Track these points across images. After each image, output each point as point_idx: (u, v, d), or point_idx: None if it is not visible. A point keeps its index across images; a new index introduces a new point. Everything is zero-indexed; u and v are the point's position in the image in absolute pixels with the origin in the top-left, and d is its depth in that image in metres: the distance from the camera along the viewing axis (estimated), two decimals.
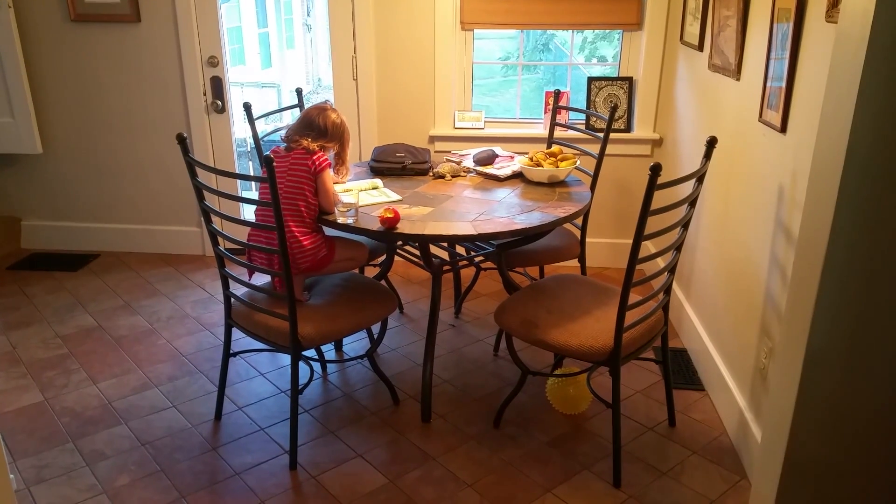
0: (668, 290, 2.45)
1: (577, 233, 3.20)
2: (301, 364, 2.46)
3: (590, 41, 9.08)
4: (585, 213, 2.93)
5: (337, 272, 2.70)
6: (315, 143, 2.52)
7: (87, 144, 4.19)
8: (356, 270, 3.07)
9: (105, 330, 3.42)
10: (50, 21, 3.94)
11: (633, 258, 2.13)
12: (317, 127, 2.55)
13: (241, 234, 2.57)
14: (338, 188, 2.66)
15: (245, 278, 2.57)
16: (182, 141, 2.37)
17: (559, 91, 3.50)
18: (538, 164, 2.93)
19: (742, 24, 2.59)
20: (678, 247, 2.37)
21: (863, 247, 1.55)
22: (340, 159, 2.71)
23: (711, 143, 2.31)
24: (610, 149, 3.42)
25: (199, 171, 2.40)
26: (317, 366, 3.06)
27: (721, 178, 2.83)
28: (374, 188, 2.82)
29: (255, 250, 2.49)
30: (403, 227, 2.42)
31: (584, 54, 8.94)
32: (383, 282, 3.00)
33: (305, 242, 2.45)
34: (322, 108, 2.59)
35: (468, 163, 3.11)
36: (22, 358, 3.16)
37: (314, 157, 2.47)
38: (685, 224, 2.33)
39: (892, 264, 1.55)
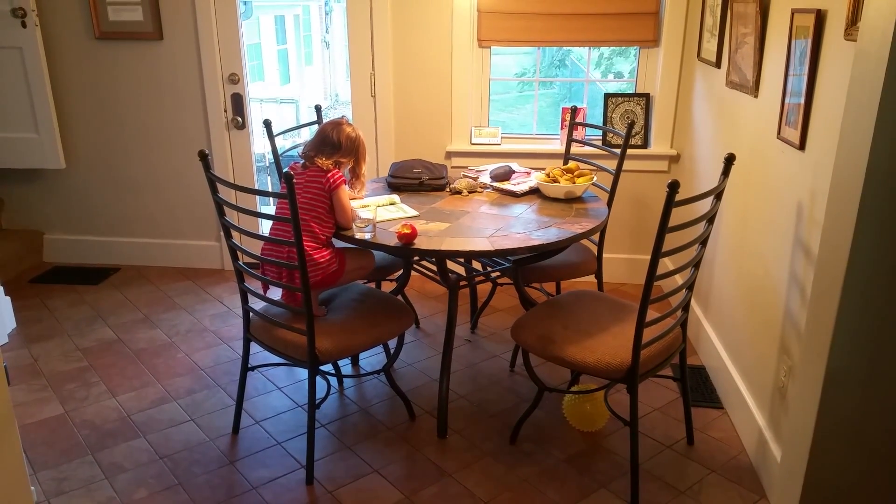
0: (686, 307, 2.44)
1: (594, 249, 3.19)
2: (318, 379, 2.47)
3: (606, 57, 9.10)
4: (602, 229, 2.93)
5: (347, 283, 2.71)
6: (329, 160, 2.53)
7: (110, 160, 4.25)
8: (373, 285, 3.09)
9: (125, 343, 3.45)
10: (75, 38, 4.02)
11: (651, 275, 2.13)
12: (331, 142, 2.56)
13: (260, 249, 2.59)
14: (355, 204, 2.68)
15: (261, 292, 2.59)
16: (204, 157, 2.40)
17: (576, 107, 3.51)
18: (555, 180, 2.93)
19: (760, 42, 2.60)
20: (696, 264, 2.36)
21: (883, 265, 1.54)
22: (355, 174, 2.70)
23: (729, 160, 2.31)
24: (627, 165, 3.41)
25: (219, 186, 2.43)
26: (333, 380, 3.07)
27: (739, 196, 2.82)
28: (391, 204, 2.84)
29: (266, 264, 2.51)
30: (420, 243, 2.43)
31: (601, 70, 8.95)
32: (400, 297, 3.01)
33: (316, 257, 2.47)
34: (337, 123, 2.61)
35: (485, 178, 3.12)
36: (43, 370, 3.20)
37: (328, 175, 2.49)
38: (703, 241, 2.32)
39: None
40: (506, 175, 3.11)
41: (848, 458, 1.69)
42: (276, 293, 2.62)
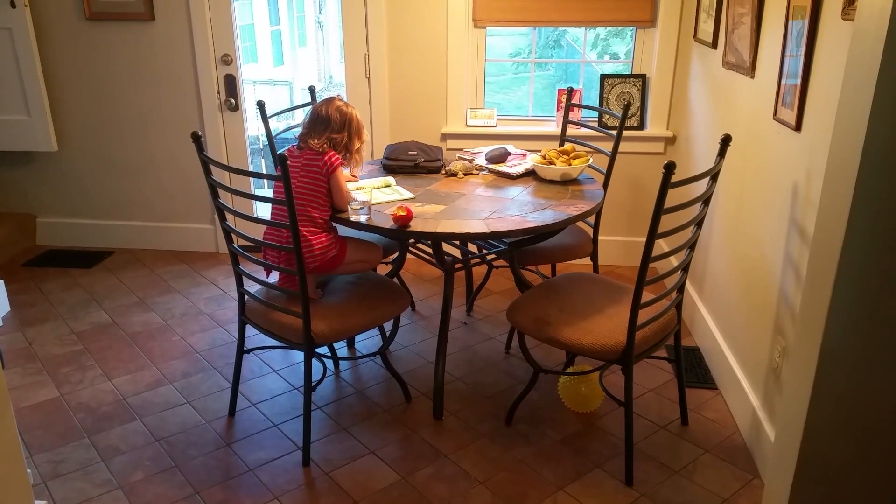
0: (681, 288, 2.45)
1: (590, 231, 3.19)
2: (314, 361, 2.47)
3: (602, 38, 9.02)
4: (598, 211, 2.93)
5: (348, 273, 2.70)
6: (322, 139, 2.50)
7: (102, 142, 4.22)
8: None
9: (119, 326, 3.45)
10: (65, 19, 3.97)
11: (647, 256, 2.13)
12: (322, 118, 2.52)
13: (254, 231, 2.58)
14: (350, 186, 2.66)
15: (260, 276, 2.58)
16: (197, 139, 2.38)
17: (572, 88, 3.49)
18: (551, 162, 2.92)
19: (756, 22, 2.58)
20: (691, 245, 2.36)
21: (878, 246, 1.54)
22: (348, 150, 2.57)
23: (725, 141, 2.30)
24: (623, 146, 3.40)
25: (212, 168, 2.41)
26: (329, 363, 3.07)
27: (735, 177, 2.81)
28: (386, 186, 2.83)
29: (268, 248, 2.50)
30: (416, 226, 2.43)
31: (597, 51, 8.89)
32: (395, 279, 3.01)
33: (314, 242, 2.46)
34: (328, 100, 2.57)
35: (480, 161, 3.11)
36: (38, 354, 3.19)
37: (325, 158, 2.46)
38: (699, 222, 2.32)
39: None
40: (501, 157, 3.09)
41: (841, 439, 1.70)
42: (276, 277, 2.61)
